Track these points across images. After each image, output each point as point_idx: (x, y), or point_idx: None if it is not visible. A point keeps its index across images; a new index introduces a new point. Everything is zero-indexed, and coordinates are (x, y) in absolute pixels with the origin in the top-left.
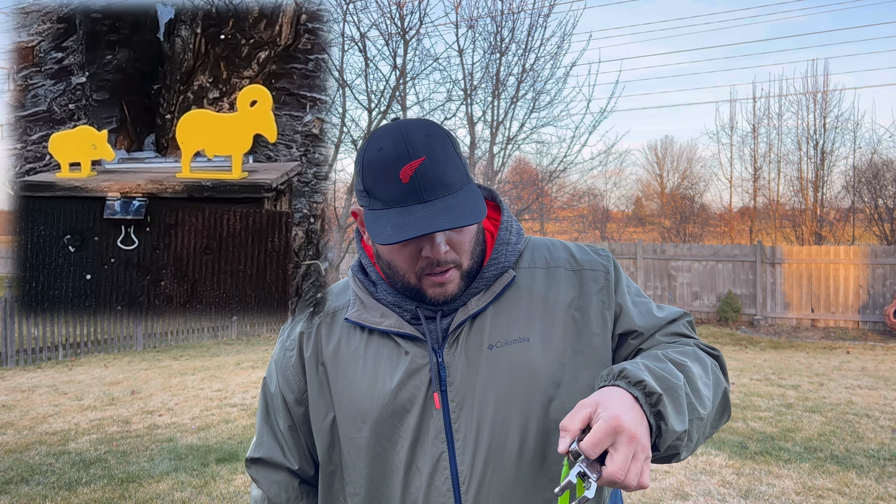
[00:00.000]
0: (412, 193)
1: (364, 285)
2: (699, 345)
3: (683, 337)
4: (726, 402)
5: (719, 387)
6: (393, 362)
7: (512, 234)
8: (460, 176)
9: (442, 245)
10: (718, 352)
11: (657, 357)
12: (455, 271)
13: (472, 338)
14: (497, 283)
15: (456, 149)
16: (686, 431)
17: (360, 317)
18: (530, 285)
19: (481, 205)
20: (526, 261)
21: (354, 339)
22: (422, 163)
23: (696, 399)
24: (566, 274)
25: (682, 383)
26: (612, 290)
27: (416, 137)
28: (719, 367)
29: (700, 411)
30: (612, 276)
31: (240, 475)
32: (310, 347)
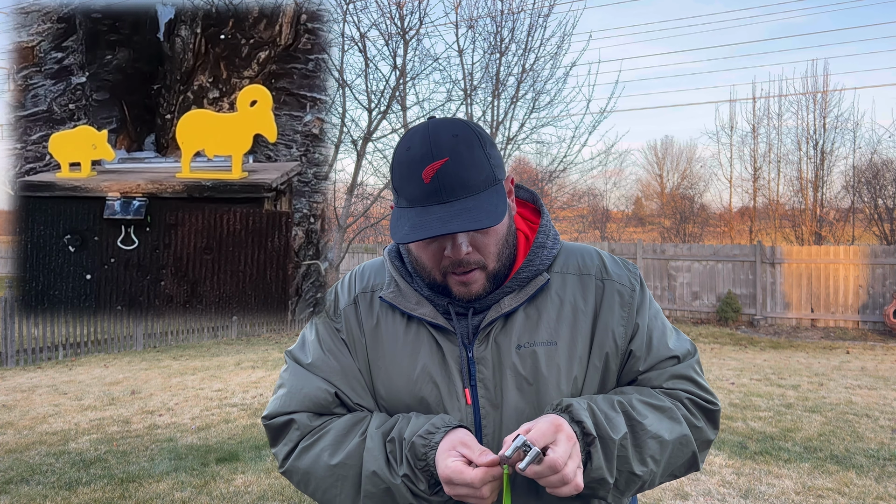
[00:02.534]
0: (433, 194)
1: (400, 271)
2: (696, 398)
3: (686, 381)
4: (692, 460)
5: (685, 448)
6: (427, 353)
7: (549, 238)
8: (485, 178)
9: (463, 246)
10: (716, 405)
11: (612, 404)
12: (479, 272)
13: (502, 336)
14: (531, 285)
15: (486, 149)
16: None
17: (396, 299)
18: (562, 291)
19: (501, 208)
20: (559, 265)
21: (395, 320)
22: (444, 164)
23: (633, 453)
24: (596, 283)
25: (619, 438)
26: (635, 309)
27: (443, 138)
28: (706, 425)
29: (634, 467)
30: (636, 295)
31: (239, 475)
32: (353, 321)
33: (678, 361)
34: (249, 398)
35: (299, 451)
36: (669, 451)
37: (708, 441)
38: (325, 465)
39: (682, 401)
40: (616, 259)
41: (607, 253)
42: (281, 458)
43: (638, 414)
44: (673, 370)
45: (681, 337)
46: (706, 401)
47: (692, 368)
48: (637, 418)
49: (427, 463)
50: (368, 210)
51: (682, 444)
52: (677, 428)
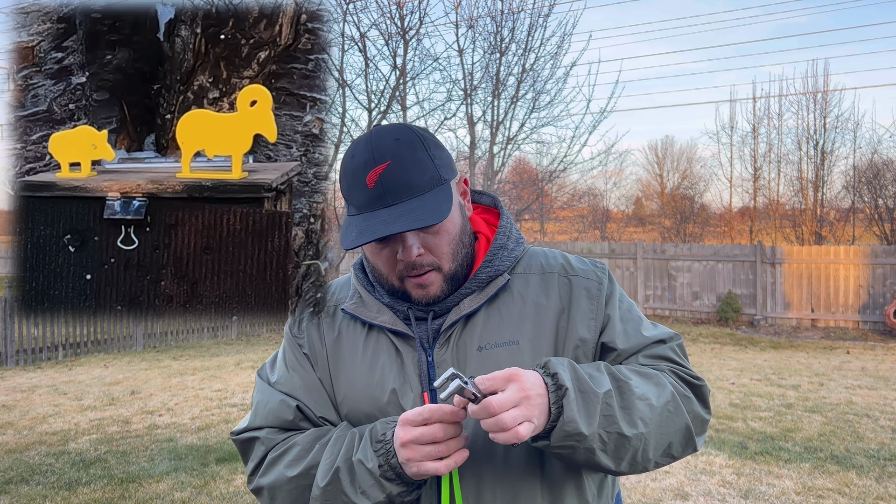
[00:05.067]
0: (378, 198)
1: (363, 283)
2: (679, 371)
3: (666, 361)
4: (687, 434)
5: (676, 417)
6: (386, 360)
7: (510, 239)
8: (429, 178)
9: (414, 248)
10: (702, 382)
11: (597, 366)
12: (435, 274)
13: (463, 338)
14: (491, 286)
15: (429, 150)
16: (586, 436)
17: (357, 310)
18: (524, 290)
19: (446, 206)
20: (522, 267)
21: (355, 332)
22: (386, 168)
23: (621, 414)
24: (560, 280)
25: (602, 392)
26: (603, 301)
27: (385, 142)
28: (695, 399)
29: (623, 428)
30: (605, 287)
31: (239, 475)
32: (315, 336)
33: (657, 345)
34: (249, 398)
35: (265, 467)
36: (659, 416)
37: (701, 418)
38: (287, 478)
39: (665, 372)
40: (581, 258)
41: (574, 255)
42: (248, 474)
43: (623, 375)
44: (652, 350)
45: (658, 327)
46: (690, 376)
47: (672, 349)
48: (623, 378)
49: (385, 441)
50: None
51: (671, 411)
52: (665, 392)
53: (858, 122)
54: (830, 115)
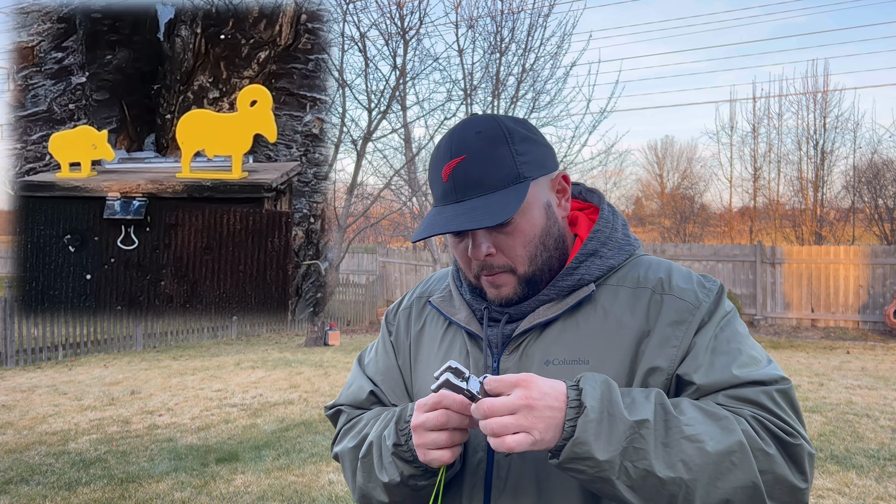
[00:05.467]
0: (449, 193)
1: (454, 277)
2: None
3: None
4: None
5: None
6: (457, 359)
7: (607, 246)
8: (504, 175)
9: (483, 247)
10: (797, 440)
11: (648, 393)
12: (508, 275)
13: (533, 348)
14: (572, 296)
15: (512, 145)
16: (600, 461)
17: (441, 304)
18: (610, 304)
19: (512, 207)
20: (617, 277)
21: (437, 325)
22: (460, 162)
23: (657, 450)
24: (653, 297)
25: (634, 420)
26: (695, 327)
27: (466, 135)
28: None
29: (656, 468)
30: (702, 311)
31: (239, 475)
32: (403, 324)
33: (750, 387)
34: (249, 398)
35: (339, 437)
36: (714, 464)
37: (786, 483)
38: (348, 448)
39: (747, 419)
40: (691, 275)
41: (686, 269)
42: (331, 443)
43: (678, 411)
44: (736, 392)
45: (766, 368)
46: (783, 430)
47: (767, 394)
48: (674, 413)
49: (409, 422)
50: (368, 210)
51: (734, 462)
52: (729, 439)
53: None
54: (830, 115)
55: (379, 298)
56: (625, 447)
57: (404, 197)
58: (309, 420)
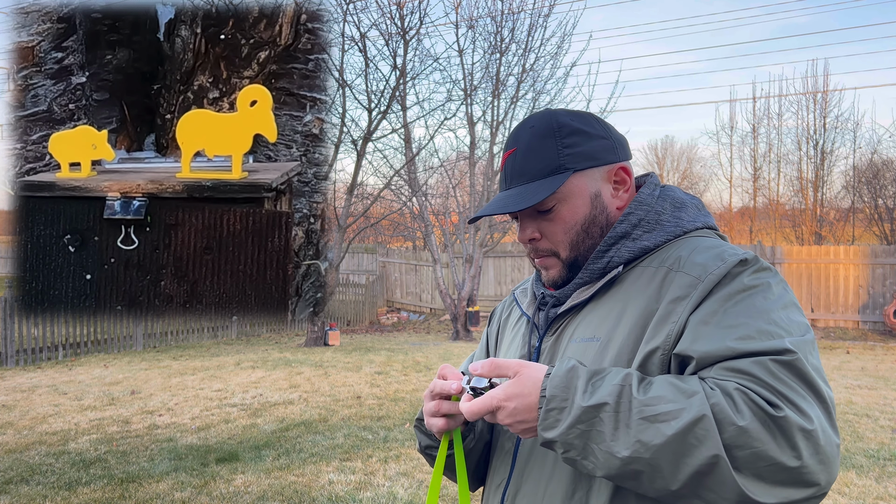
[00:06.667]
0: (503, 180)
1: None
2: (752, 392)
3: (743, 376)
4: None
5: (693, 446)
6: (519, 344)
7: (641, 227)
8: (545, 166)
9: (527, 231)
10: (782, 412)
11: (616, 374)
12: (553, 259)
13: (569, 329)
14: (603, 279)
15: (559, 139)
16: (559, 444)
17: (519, 293)
18: (630, 285)
19: (540, 195)
20: (650, 258)
21: (516, 312)
22: (511, 153)
23: (612, 434)
24: (667, 275)
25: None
26: (695, 301)
27: (522, 129)
28: (758, 432)
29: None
30: (705, 284)
31: (239, 475)
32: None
33: (742, 358)
34: (249, 398)
35: None
36: (674, 444)
37: (767, 456)
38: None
39: (729, 392)
40: (723, 250)
41: (734, 247)
42: None
43: (643, 391)
44: (732, 364)
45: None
46: (768, 401)
47: (761, 365)
48: (636, 394)
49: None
50: (368, 210)
51: (698, 438)
52: (689, 415)
53: (858, 122)
54: (830, 115)
55: (379, 298)
56: (583, 430)
57: (404, 197)
58: (309, 420)
